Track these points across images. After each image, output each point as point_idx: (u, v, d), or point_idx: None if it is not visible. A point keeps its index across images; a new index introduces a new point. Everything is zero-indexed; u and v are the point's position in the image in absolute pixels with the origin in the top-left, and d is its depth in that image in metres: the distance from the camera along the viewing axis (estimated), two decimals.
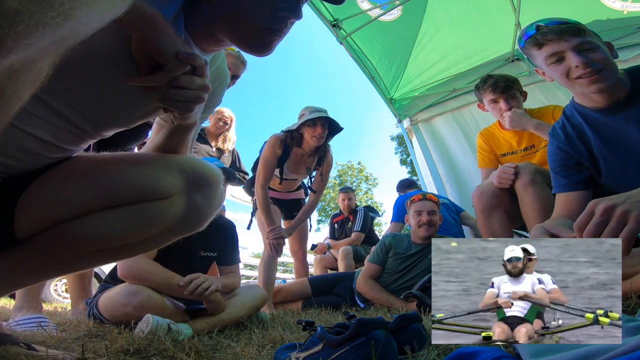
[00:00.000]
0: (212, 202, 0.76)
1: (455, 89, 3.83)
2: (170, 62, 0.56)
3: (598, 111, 1.09)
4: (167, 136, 0.74)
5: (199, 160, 0.77)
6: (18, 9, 0.30)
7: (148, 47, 0.55)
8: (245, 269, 8.49)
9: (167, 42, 0.56)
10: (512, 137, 1.86)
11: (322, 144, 2.18)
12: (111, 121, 0.71)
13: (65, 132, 0.65)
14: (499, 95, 1.76)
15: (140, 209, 0.66)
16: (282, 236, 2.14)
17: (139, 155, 0.76)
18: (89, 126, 0.68)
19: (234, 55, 1.99)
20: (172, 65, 0.57)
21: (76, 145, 0.71)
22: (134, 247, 0.71)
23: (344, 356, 0.54)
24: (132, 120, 0.74)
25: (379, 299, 1.98)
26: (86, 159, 0.70)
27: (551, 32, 1.05)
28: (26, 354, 0.71)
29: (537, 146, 1.80)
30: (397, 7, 3.09)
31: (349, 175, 24.58)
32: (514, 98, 1.76)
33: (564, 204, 1.13)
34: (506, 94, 1.75)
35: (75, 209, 0.63)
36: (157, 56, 0.56)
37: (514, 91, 1.78)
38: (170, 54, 0.56)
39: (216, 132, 2.67)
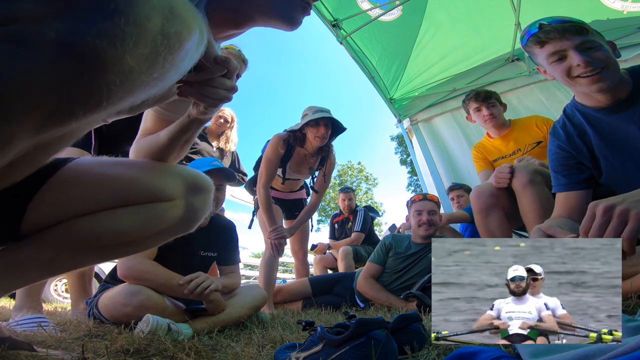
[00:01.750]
0: (205, 206, 0.85)
1: (455, 89, 3.83)
2: (209, 66, 0.61)
3: (599, 110, 1.09)
4: (182, 129, 0.79)
5: (196, 170, 0.87)
6: (132, 67, 0.33)
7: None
8: (245, 269, 8.49)
9: (209, 47, 0.58)
10: (500, 143, 2.09)
11: (325, 144, 2.17)
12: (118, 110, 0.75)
13: None
14: (481, 104, 2.05)
15: (147, 208, 0.74)
16: (283, 236, 2.13)
17: (146, 162, 0.83)
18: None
19: (234, 54, 1.98)
20: (213, 67, 0.62)
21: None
22: (137, 244, 0.77)
23: (344, 356, 0.54)
24: (134, 111, 0.78)
25: (379, 299, 1.98)
26: (97, 161, 0.76)
27: (553, 30, 1.04)
28: (26, 354, 0.71)
29: (523, 149, 2.00)
30: (397, 7, 3.09)
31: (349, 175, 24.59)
32: (494, 106, 2.06)
33: (564, 204, 1.13)
34: (487, 102, 2.05)
35: (87, 208, 0.69)
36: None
37: (493, 100, 2.07)
38: (210, 58, 0.60)
39: (217, 131, 2.65)
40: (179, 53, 0.37)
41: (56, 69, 0.29)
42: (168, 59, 0.35)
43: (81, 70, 0.30)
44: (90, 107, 0.33)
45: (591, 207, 0.66)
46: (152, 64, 0.34)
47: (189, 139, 0.82)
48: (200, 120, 0.77)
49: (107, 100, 0.32)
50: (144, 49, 0.32)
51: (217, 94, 0.65)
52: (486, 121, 2.05)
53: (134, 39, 0.31)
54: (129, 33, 0.31)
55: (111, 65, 0.31)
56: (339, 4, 2.99)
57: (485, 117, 2.04)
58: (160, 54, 0.34)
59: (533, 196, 1.39)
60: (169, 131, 0.80)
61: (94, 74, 0.31)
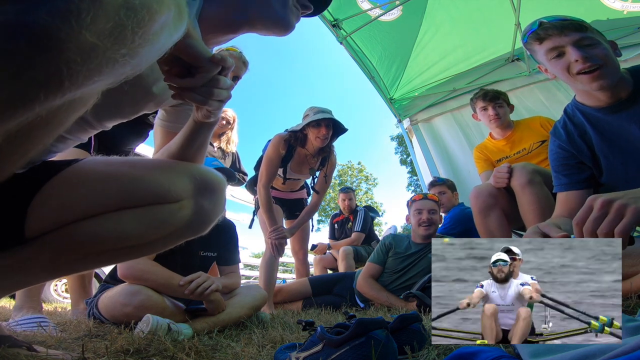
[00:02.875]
0: (217, 207, 0.79)
1: (455, 89, 3.84)
2: (205, 65, 0.59)
3: (600, 110, 1.09)
4: (192, 135, 0.76)
5: (206, 167, 0.80)
6: (95, 44, 0.31)
7: (183, 51, 0.56)
8: (245, 269, 8.48)
9: (201, 46, 0.57)
10: (504, 144, 2.09)
11: (326, 144, 2.17)
12: (115, 115, 0.75)
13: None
14: (488, 103, 2.05)
15: (152, 211, 0.69)
16: (284, 236, 2.13)
17: (151, 160, 0.79)
18: (93, 118, 0.71)
19: (235, 56, 1.98)
20: (208, 67, 0.59)
21: (79, 136, 0.74)
22: (142, 248, 0.73)
23: (344, 356, 0.54)
24: (134, 114, 0.78)
25: (379, 299, 1.98)
26: (102, 161, 0.72)
27: (552, 27, 1.05)
28: (26, 354, 0.71)
29: (529, 148, 1.99)
30: (397, 7, 3.09)
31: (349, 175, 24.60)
32: (500, 107, 2.06)
33: (565, 203, 1.13)
34: (494, 102, 2.05)
35: (90, 209, 0.65)
36: (192, 60, 0.57)
37: (500, 101, 2.06)
38: (205, 57, 0.58)
39: (219, 131, 2.66)
40: (152, 26, 0.35)
41: (7, 52, 0.28)
42: (138, 33, 0.33)
43: (34, 51, 0.29)
44: (52, 89, 0.31)
45: (589, 200, 0.66)
46: (118, 39, 0.32)
47: (202, 144, 0.79)
48: (208, 123, 0.74)
49: (69, 80, 0.31)
50: (105, 24, 0.31)
51: (220, 95, 0.63)
52: (491, 121, 2.05)
53: (90, 13, 0.30)
54: (84, 8, 0.29)
55: (67, 43, 0.29)
56: (339, 4, 2.99)
57: (491, 117, 2.04)
58: (127, 28, 0.32)
59: (532, 196, 1.39)
60: (178, 139, 0.77)
61: (48, 54, 0.29)
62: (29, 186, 0.64)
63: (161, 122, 0.94)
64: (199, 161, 0.81)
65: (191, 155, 0.78)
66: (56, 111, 0.40)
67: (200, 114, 0.71)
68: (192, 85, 0.60)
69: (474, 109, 2.17)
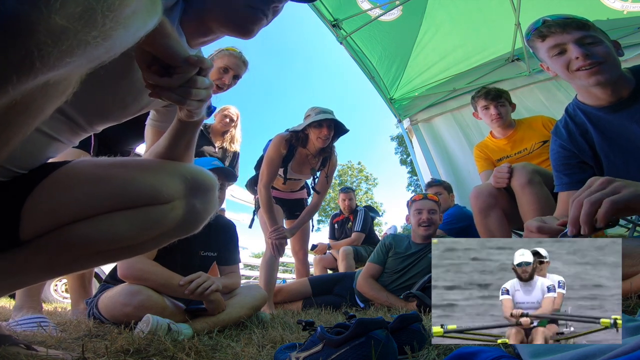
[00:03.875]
0: (209, 207, 0.80)
1: (455, 89, 3.84)
2: (182, 65, 0.59)
3: (601, 109, 1.09)
4: (177, 135, 0.77)
5: (197, 167, 0.81)
6: (65, 26, 0.32)
7: (160, 51, 0.57)
8: (245, 269, 8.48)
9: (178, 47, 0.58)
10: (505, 144, 2.06)
11: (327, 145, 2.16)
12: (105, 117, 0.76)
13: (62, 124, 0.69)
14: (490, 102, 2.02)
15: (144, 212, 0.69)
16: (284, 236, 2.13)
17: (142, 161, 0.79)
18: (83, 120, 0.72)
19: (235, 55, 1.98)
20: (184, 68, 0.60)
21: (71, 139, 0.74)
22: (134, 248, 0.74)
23: (344, 356, 0.54)
24: (124, 117, 0.79)
25: (379, 299, 1.98)
26: (92, 163, 0.73)
27: (555, 24, 1.06)
28: (26, 354, 0.71)
29: (530, 148, 1.97)
30: (397, 7, 3.09)
31: (349, 175, 24.60)
32: (502, 106, 2.02)
33: (566, 203, 1.13)
34: (496, 102, 2.01)
35: (82, 212, 0.65)
36: (168, 60, 0.58)
37: (503, 100, 2.03)
38: (181, 57, 0.58)
39: (222, 130, 2.62)
40: (122, 10, 0.36)
41: None
42: (109, 16, 0.35)
43: (4, 35, 0.30)
44: (24, 71, 0.33)
45: (590, 181, 0.65)
46: (88, 22, 0.33)
47: (189, 143, 0.80)
48: (192, 123, 0.75)
49: (40, 61, 0.32)
50: (74, 8, 0.32)
51: (198, 94, 0.64)
52: (493, 120, 2.02)
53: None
54: None
55: (37, 26, 0.31)
56: (339, 4, 2.99)
57: (493, 116, 2.01)
58: (97, 12, 0.33)
59: (532, 196, 1.39)
60: (165, 139, 0.78)
61: (18, 38, 0.31)
62: (21, 189, 0.64)
63: (152, 122, 0.95)
64: (188, 160, 0.82)
65: (179, 155, 0.79)
66: (35, 95, 0.41)
67: (182, 113, 0.72)
68: (169, 85, 0.61)
69: (475, 108, 2.14)
